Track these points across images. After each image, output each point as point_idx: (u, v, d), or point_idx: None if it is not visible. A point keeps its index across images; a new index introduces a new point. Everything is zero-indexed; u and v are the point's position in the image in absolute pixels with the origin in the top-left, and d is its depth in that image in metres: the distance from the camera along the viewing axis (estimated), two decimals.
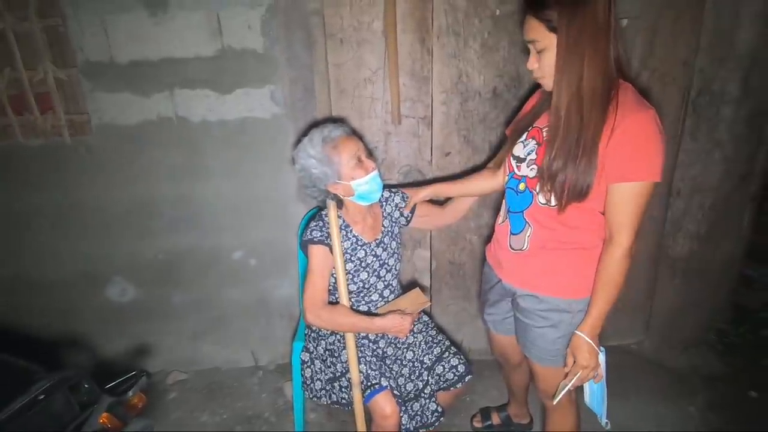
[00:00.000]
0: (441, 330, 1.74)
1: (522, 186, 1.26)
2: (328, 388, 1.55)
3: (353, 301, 1.54)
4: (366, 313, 1.53)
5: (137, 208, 1.88)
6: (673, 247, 2.04)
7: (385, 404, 1.43)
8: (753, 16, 1.70)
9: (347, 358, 1.48)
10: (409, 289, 1.59)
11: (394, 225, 1.60)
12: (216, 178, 1.86)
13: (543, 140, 1.20)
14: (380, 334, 1.56)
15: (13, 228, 1.88)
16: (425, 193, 1.57)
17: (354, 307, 1.53)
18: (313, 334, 1.61)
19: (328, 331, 1.55)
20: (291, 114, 1.78)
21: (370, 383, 1.47)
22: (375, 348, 1.56)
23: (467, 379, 1.57)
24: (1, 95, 1.69)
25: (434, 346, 1.60)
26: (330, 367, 1.55)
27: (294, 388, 1.67)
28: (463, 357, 1.59)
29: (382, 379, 1.48)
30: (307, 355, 1.61)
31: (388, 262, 1.56)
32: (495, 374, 1.96)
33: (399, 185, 1.79)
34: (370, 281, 1.53)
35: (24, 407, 1.05)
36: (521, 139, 1.28)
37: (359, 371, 1.47)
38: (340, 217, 1.49)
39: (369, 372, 1.48)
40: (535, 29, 1.10)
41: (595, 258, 1.20)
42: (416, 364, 1.57)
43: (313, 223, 1.50)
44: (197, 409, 1.99)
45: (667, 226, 2.00)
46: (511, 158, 1.30)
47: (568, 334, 1.25)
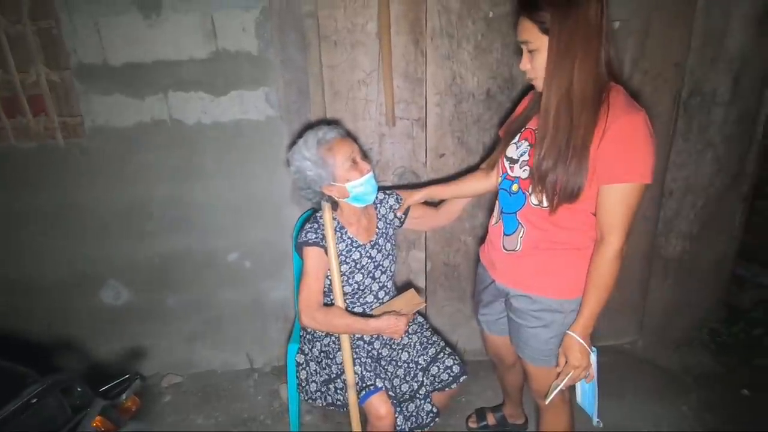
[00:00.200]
0: (436, 331, 1.74)
1: (515, 187, 1.27)
2: (323, 390, 1.55)
3: (348, 302, 1.54)
4: (361, 314, 1.53)
5: (132, 210, 1.87)
6: (666, 247, 2.05)
7: (380, 405, 1.43)
8: (743, 18, 1.72)
9: (342, 359, 1.48)
10: (404, 291, 1.60)
11: (389, 227, 1.60)
12: (211, 180, 1.85)
13: (535, 141, 1.21)
14: (375, 336, 1.56)
15: (7, 230, 1.87)
16: (419, 196, 1.58)
17: (349, 308, 1.53)
18: (308, 336, 1.61)
19: (323, 333, 1.55)
20: (285, 116, 1.78)
21: (365, 384, 1.47)
22: (370, 349, 1.56)
23: (462, 380, 1.57)
24: None
25: (429, 347, 1.61)
26: (325, 369, 1.55)
27: (289, 390, 1.67)
28: (457, 358, 1.60)
29: (377, 380, 1.48)
30: (302, 356, 1.61)
31: (383, 263, 1.56)
32: (490, 375, 1.97)
33: (393, 187, 1.80)
34: (365, 283, 1.53)
35: (16, 411, 1.04)
36: (514, 141, 1.29)
37: (354, 372, 1.47)
38: (334, 219, 1.49)
39: (364, 373, 1.49)
40: (528, 30, 1.11)
41: (587, 258, 1.20)
42: (411, 365, 1.57)
43: (308, 225, 1.50)
44: (192, 412, 1.98)
45: (660, 226, 2.01)
46: (505, 159, 1.31)
47: (560, 334, 1.26)
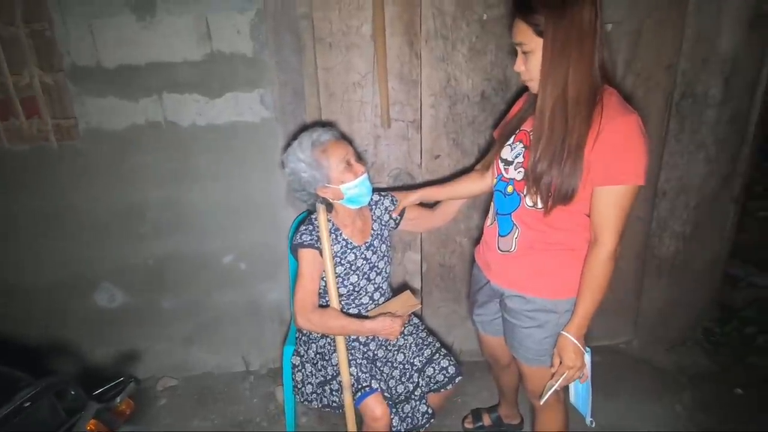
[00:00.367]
0: (431, 332, 1.75)
1: (510, 188, 1.28)
2: (318, 392, 1.55)
3: (343, 304, 1.54)
4: (356, 315, 1.53)
5: (126, 213, 1.87)
6: (660, 247, 2.06)
7: (375, 406, 1.43)
8: (733, 21, 1.73)
9: (338, 360, 1.48)
10: (400, 292, 1.60)
11: (384, 228, 1.60)
12: (206, 183, 1.85)
13: (530, 143, 1.22)
14: (371, 337, 1.56)
15: (0, 233, 1.86)
16: (414, 197, 1.59)
17: (344, 310, 1.53)
18: (303, 338, 1.60)
19: (319, 335, 1.55)
20: (280, 118, 1.78)
21: (360, 386, 1.47)
22: (365, 350, 1.56)
23: (457, 381, 1.58)
24: None
25: (424, 348, 1.61)
26: (321, 371, 1.55)
27: (285, 392, 1.67)
28: (453, 358, 1.60)
29: (373, 381, 1.48)
30: (298, 358, 1.61)
31: (378, 264, 1.56)
32: (486, 375, 1.97)
33: (389, 189, 1.80)
34: (360, 284, 1.53)
35: (9, 415, 1.04)
36: (509, 142, 1.30)
37: (350, 374, 1.47)
38: (329, 221, 1.50)
39: (359, 374, 1.49)
40: (522, 32, 1.11)
41: (582, 259, 1.21)
42: (407, 366, 1.58)
43: (303, 227, 1.50)
44: (188, 415, 1.98)
45: (654, 227, 2.03)
46: (499, 161, 1.31)
47: (554, 334, 1.27)
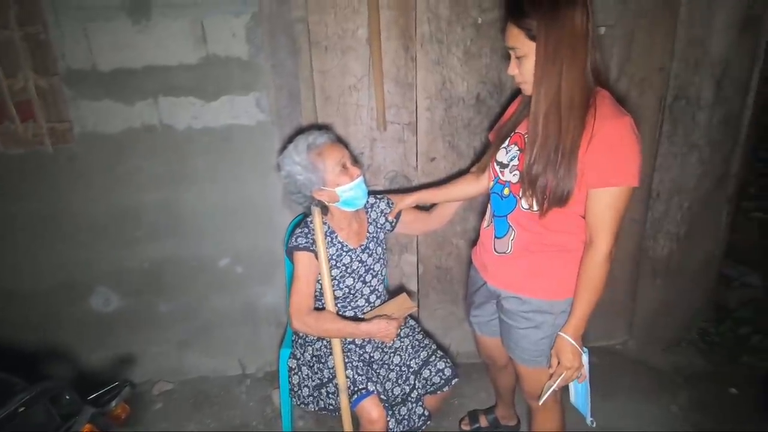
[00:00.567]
0: (428, 334, 1.75)
1: (506, 191, 1.28)
2: (315, 395, 1.55)
3: (339, 306, 1.54)
4: (352, 318, 1.53)
5: (122, 216, 1.86)
6: (654, 248, 2.08)
7: (371, 409, 1.43)
8: (724, 24, 1.75)
9: (334, 363, 1.48)
10: (396, 295, 1.60)
11: (380, 231, 1.61)
12: (201, 186, 1.85)
13: (524, 146, 1.22)
14: (367, 339, 1.56)
15: None
16: (410, 200, 1.59)
17: (340, 312, 1.53)
18: (300, 341, 1.60)
19: (315, 337, 1.55)
20: (276, 121, 1.78)
21: (356, 388, 1.47)
22: (362, 353, 1.56)
23: (454, 383, 1.58)
24: None
25: (421, 350, 1.61)
26: (317, 374, 1.54)
27: (281, 395, 1.67)
28: (449, 360, 1.61)
29: (369, 383, 1.48)
30: (295, 361, 1.60)
31: (374, 267, 1.56)
32: (483, 377, 1.97)
33: (385, 191, 1.81)
34: (356, 287, 1.53)
35: (3, 420, 1.03)
36: (504, 145, 1.31)
37: (346, 376, 1.47)
38: (325, 224, 1.50)
39: (356, 377, 1.49)
40: (515, 36, 1.12)
41: (577, 260, 1.22)
42: (403, 368, 1.58)
43: (299, 230, 1.50)
44: (184, 419, 1.97)
45: (648, 228, 2.04)
46: (495, 163, 1.32)
47: (550, 335, 1.27)
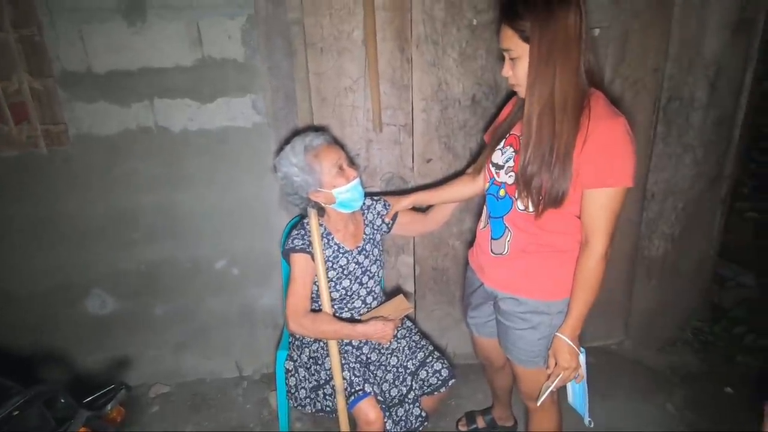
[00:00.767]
0: (425, 335, 1.75)
1: (502, 192, 1.29)
2: (312, 397, 1.55)
3: (336, 308, 1.54)
4: (349, 319, 1.53)
5: (117, 218, 1.85)
6: (649, 249, 2.09)
7: (369, 410, 1.43)
8: (718, 25, 1.77)
9: (331, 365, 1.48)
10: (392, 296, 1.60)
11: (376, 232, 1.61)
12: (197, 188, 1.84)
13: (519, 147, 1.23)
14: (364, 341, 1.56)
15: None
16: (407, 202, 1.59)
17: (337, 314, 1.53)
18: (296, 342, 1.60)
19: (312, 339, 1.55)
20: (272, 123, 1.78)
21: (353, 390, 1.47)
22: (359, 354, 1.56)
23: (451, 384, 1.58)
24: None
25: (417, 351, 1.61)
26: (314, 375, 1.54)
27: (278, 397, 1.66)
28: (446, 361, 1.61)
29: (366, 385, 1.48)
30: (291, 363, 1.60)
31: (371, 269, 1.57)
32: (480, 378, 1.97)
33: (381, 193, 1.81)
34: (352, 288, 1.53)
35: None
36: (499, 146, 1.31)
37: (343, 378, 1.47)
38: (321, 225, 1.50)
39: (353, 378, 1.49)
40: (509, 38, 1.13)
41: (574, 260, 1.22)
42: (400, 369, 1.58)
43: (295, 232, 1.50)
44: (180, 421, 1.96)
45: (643, 228, 2.05)
46: (491, 165, 1.33)
47: (547, 335, 1.28)
